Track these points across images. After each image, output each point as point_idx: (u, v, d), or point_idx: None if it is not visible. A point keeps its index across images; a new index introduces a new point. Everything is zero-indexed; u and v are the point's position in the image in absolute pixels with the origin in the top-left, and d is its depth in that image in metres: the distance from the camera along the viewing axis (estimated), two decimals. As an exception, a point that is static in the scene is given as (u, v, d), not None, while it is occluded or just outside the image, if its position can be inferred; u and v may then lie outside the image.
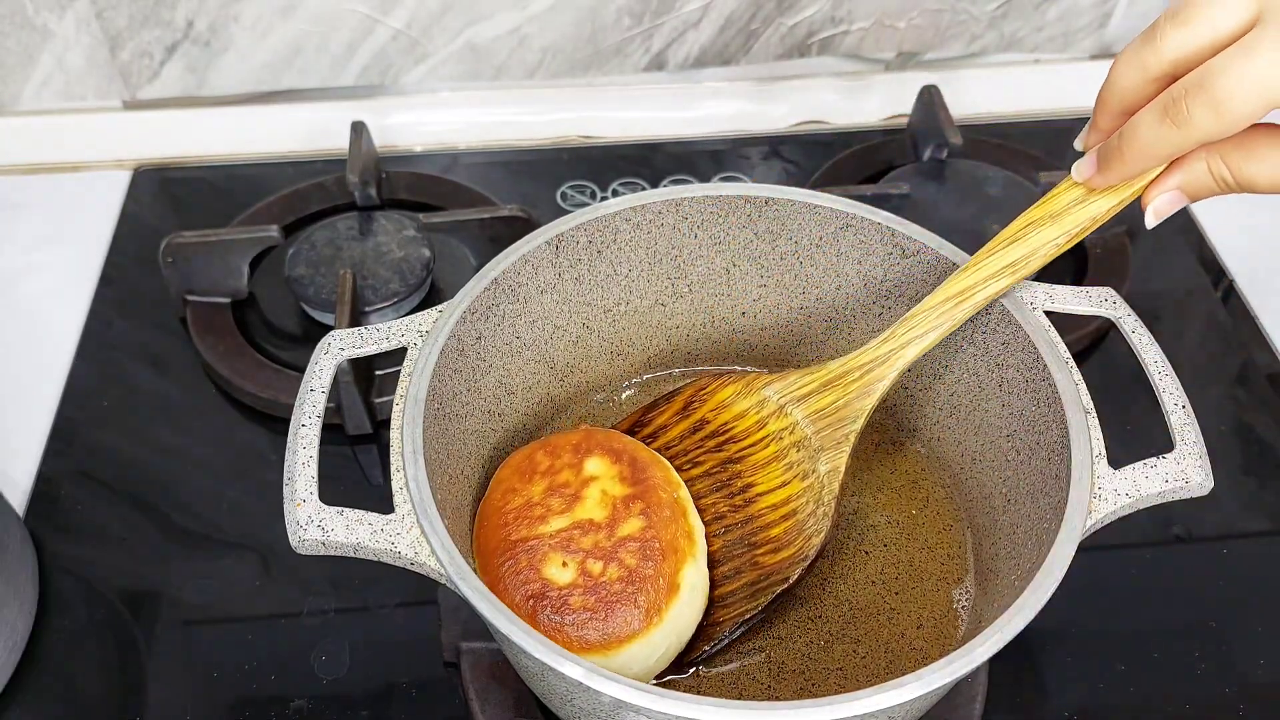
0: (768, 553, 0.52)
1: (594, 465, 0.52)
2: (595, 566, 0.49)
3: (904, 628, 0.53)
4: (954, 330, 0.51)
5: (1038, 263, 0.49)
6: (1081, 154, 0.48)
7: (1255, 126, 0.41)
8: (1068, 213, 0.48)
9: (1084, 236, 0.49)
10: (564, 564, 0.49)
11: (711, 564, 0.52)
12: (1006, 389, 0.53)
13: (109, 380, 0.70)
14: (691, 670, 0.51)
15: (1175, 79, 0.41)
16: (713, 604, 0.52)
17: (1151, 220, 0.46)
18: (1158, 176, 0.45)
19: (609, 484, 0.52)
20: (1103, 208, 0.48)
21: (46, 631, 0.58)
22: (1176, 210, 0.46)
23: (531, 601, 0.48)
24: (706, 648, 0.51)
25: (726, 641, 0.51)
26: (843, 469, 0.51)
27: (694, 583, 0.50)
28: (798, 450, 0.53)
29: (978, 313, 0.51)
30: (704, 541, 0.52)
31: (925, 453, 0.60)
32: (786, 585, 0.51)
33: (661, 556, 0.49)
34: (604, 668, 0.41)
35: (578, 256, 0.57)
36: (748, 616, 0.51)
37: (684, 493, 0.53)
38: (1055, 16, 0.87)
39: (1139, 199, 0.47)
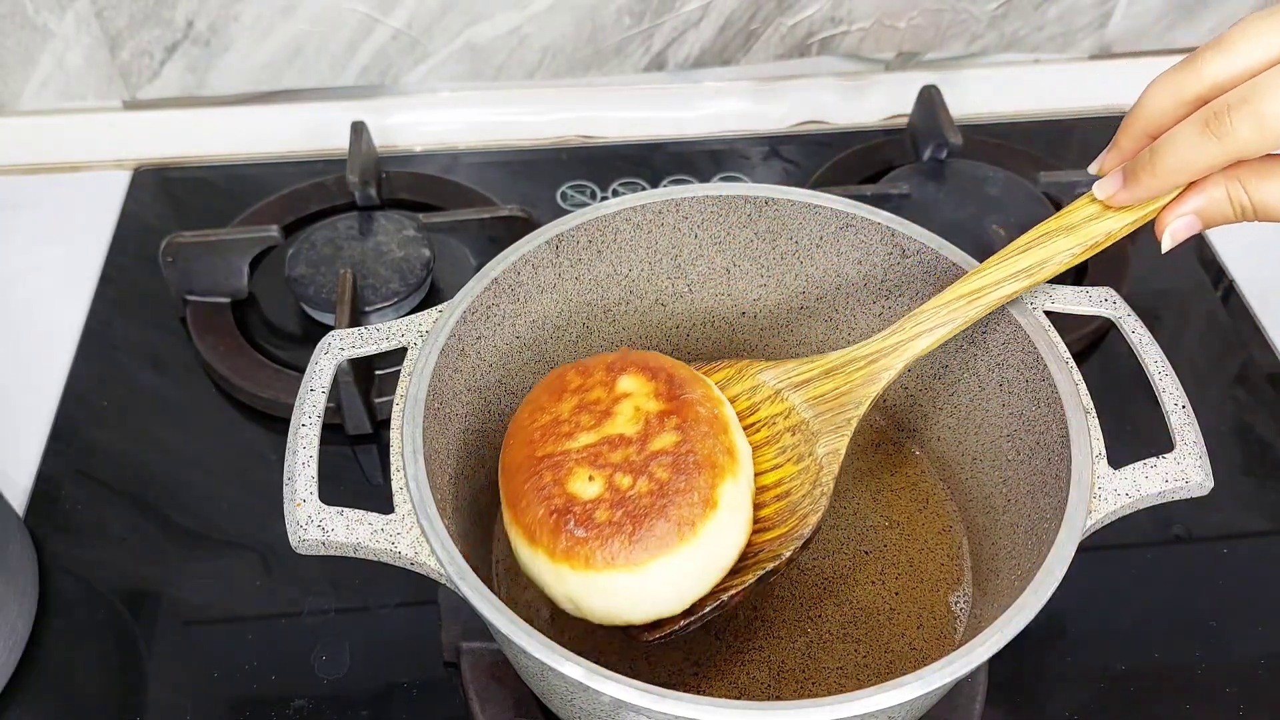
0: (756, 531, 0.50)
1: (628, 383, 0.49)
2: (624, 480, 0.46)
3: (904, 628, 0.53)
4: (964, 329, 0.51)
5: (1051, 270, 0.49)
6: (1097, 178, 0.48)
7: (1273, 155, 0.42)
8: (1083, 226, 0.49)
9: (1097, 251, 0.49)
10: (590, 478, 0.46)
11: None
12: (1006, 389, 0.53)
13: (109, 380, 0.70)
14: (665, 636, 0.47)
15: (1206, 104, 0.42)
16: None
17: (1167, 244, 0.46)
18: (1175, 200, 0.45)
19: (643, 400, 0.49)
20: (1117, 224, 0.48)
21: (46, 631, 0.58)
22: (1191, 236, 0.46)
23: (555, 516, 0.45)
24: (682, 623, 0.48)
25: (710, 616, 0.48)
26: (843, 451, 0.50)
27: (734, 502, 0.46)
28: (792, 434, 0.51)
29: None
30: (749, 463, 0.49)
31: (925, 453, 0.60)
32: (779, 564, 0.48)
33: (697, 470, 0.46)
34: (633, 590, 0.41)
35: (578, 256, 0.57)
36: (733, 592, 0.48)
37: (727, 410, 0.50)
38: (1055, 16, 0.87)
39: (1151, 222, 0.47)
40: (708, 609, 0.47)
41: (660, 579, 0.45)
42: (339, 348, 0.51)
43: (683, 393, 0.49)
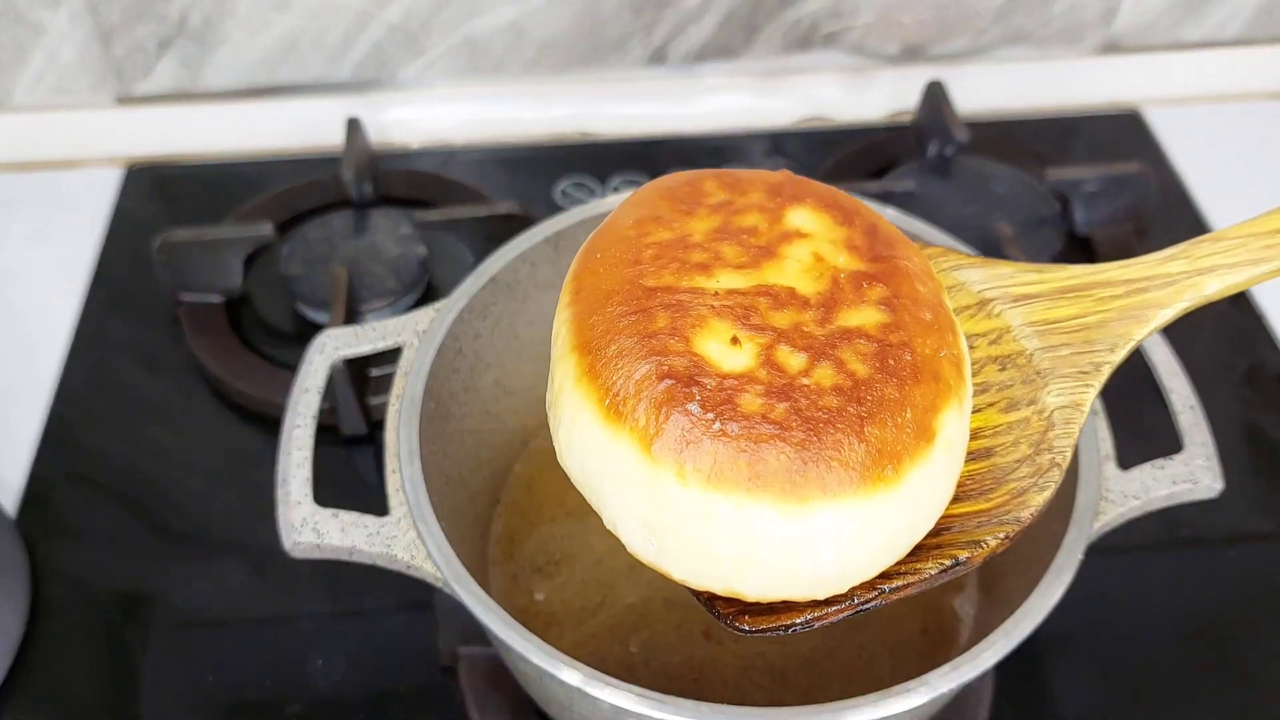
0: None
1: (804, 218, 0.34)
2: (793, 360, 0.30)
3: (909, 633, 0.53)
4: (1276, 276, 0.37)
5: None
6: None
7: None
8: None
9: None
10: (734, 340, 0.30)
11: None
12: (1013, 389, 0.52)
13: (101, 380, 0.70)
14: (770, 629, 0.33)
15: None
16: None
17: None
18: None
19: (828, 249, 0.33)
20: None
21: (39, 635, 0.57)
22: None
23: (668, 383, 0.29)
24: (807, 615, 0.32)
25: (850, 615, 0.33)
26: (1087, 408, 0.36)
27: (953, 441, 0.32)
28: (1001, 368, 0.37)
29: None
30: (971, 388, 0.34)
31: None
32: (974, 555, 0.33)
33: (914, 377, 0.30)
34: (774, 541, 0.28)
35: (577, 254, 0.56)
36: (901, 583, 0.32)
37: (949, 303, 0.35)
38: (1061, 11, 0.86)
39: None
40: (857, 599, 0.32)
41: (825, 532, 0.29)
42: (333, 347, 0.50)
43: (894, 254, 0.33)
